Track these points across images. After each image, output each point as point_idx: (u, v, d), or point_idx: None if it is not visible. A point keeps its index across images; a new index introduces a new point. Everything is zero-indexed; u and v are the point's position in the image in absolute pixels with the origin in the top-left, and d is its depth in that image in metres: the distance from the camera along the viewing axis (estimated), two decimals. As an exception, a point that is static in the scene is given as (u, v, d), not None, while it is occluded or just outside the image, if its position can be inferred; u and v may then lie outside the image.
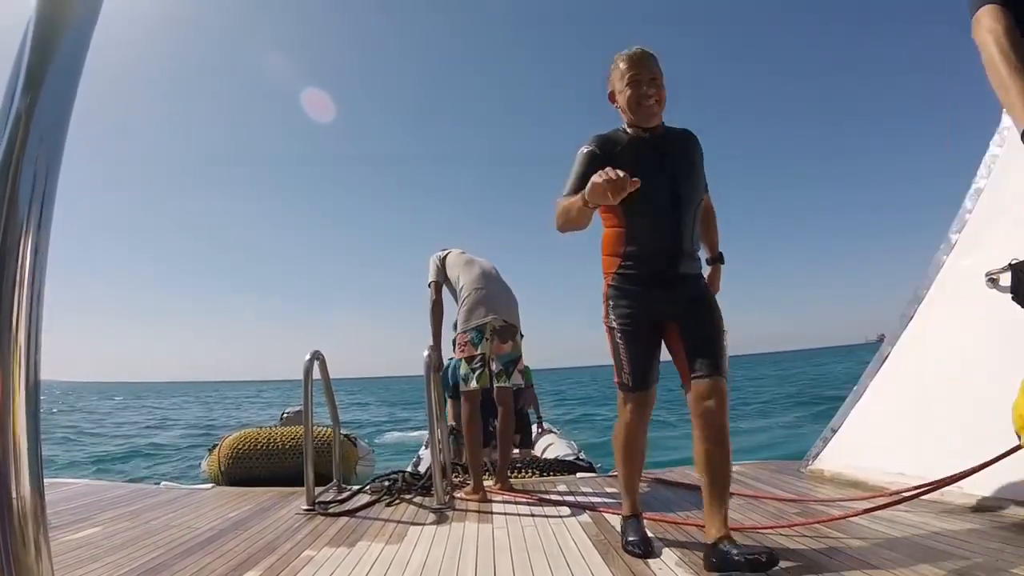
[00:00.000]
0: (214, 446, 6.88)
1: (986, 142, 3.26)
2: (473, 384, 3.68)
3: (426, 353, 3.63)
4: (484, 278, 3.82)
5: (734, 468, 4.13)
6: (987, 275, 2.99)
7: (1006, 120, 3.15)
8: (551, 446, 6.67)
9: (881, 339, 3.75)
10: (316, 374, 3.63)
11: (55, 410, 34.89)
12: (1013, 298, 2.86)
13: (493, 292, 3.79)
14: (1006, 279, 2.91)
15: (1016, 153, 3.05)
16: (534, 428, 7.15)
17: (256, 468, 5.00)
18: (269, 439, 5.40)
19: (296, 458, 5.04)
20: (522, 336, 3.89)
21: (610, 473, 4.34)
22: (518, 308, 3.94)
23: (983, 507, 2.72)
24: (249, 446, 5.35)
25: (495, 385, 3.82)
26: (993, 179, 3.17)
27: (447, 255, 4.05)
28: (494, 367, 3.79)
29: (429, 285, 4.00)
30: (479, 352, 3.68)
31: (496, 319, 3.71)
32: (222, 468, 5.67)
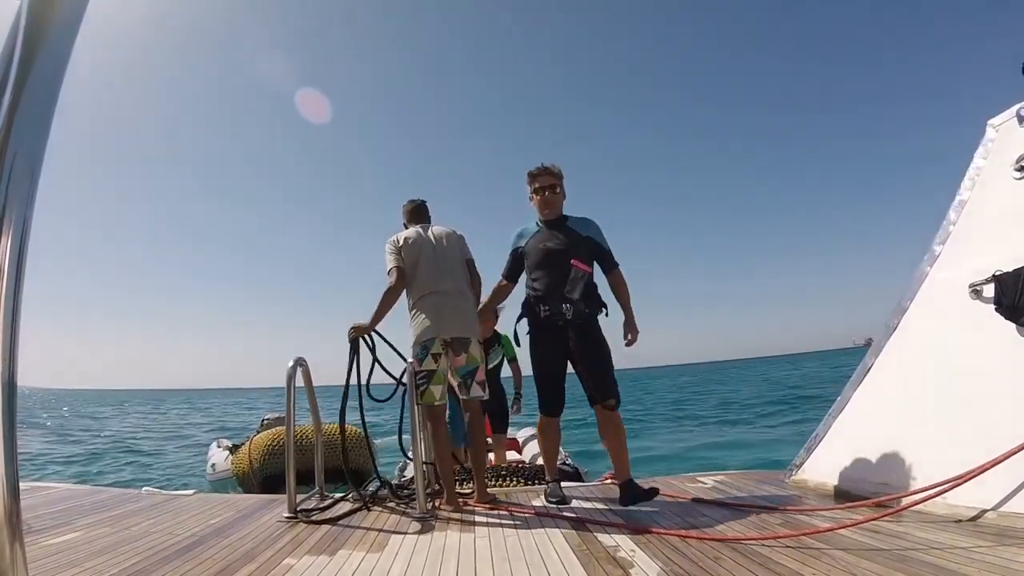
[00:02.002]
0: (235, 447, 7.18)
1: (971, 154, 3.29)
2: (419, 399, 3.57)
3: (409, 360, 3.58)
4: (435, 280, 3.61)
5: (717, 477, 4.13)
6: (970, 286, 3.01)
7: (990, 133, 3.18)
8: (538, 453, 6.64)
9: (868, 343, 3.73)
10: (299, 381, 3.59)
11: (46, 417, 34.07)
12: (996, 309, 2.89)
13: (440, 304, 3.59)
14: (989, 290, 2.93)
15: (999, 166, 3.07)
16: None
17: (295, 463, 5.07)
18: (301, 437, 5.63)
19: (328, 454, 5.35)
20: (479, 343, 3.72)
21: (595, 481, 4.31)
22: (476, 313, 3.76)
23: (965, 517, 2.73)
24: (281, 444, 5.48)
25: (460, 397, 3.79)
26: (977, 192, 3.20)
27: (403, 239, 3.73)
28: (454, 380, 3.71)
29: (389, 272, 3.64)
30: (424, 368, 3.55)
31: (443, 336, 3.57)
32: (254, 465, 6.09)
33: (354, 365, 3.62)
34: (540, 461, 5.83)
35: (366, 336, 3.64)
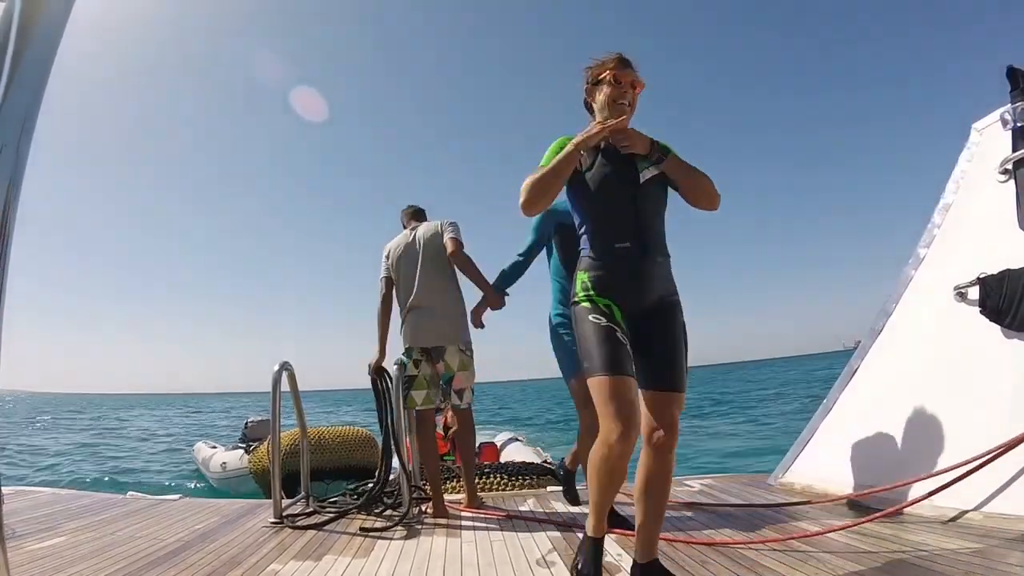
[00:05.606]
0: (250, 447, 7.69)
1: (955, 157, 3.31)
2: (402, 404, 3.57)
3: (395, 366, 3.55)
4: (411, 295, 3.60)
5: (704, 481, 4.13)
6: (955, 289, 3.03)
7: (974, 137, 3.20)
8: (518, 452, 6.67)
9: (857, 345, 3.74)
10: (285, 385, 3.57)
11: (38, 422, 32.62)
12: (981, 311, 2.90)
13: (415, 318, 3.60)
14: (974, 293, 2.95)
15: (984, 170, 3.09)
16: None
17: (311, 461, 5.20)
18: (320, 436, 6.06)
19: (344, 452, 5.87)
20: (462, 349, 3.61)
21: (581, 484, 4.30)
22: (454, 316, 3.63)
23: (951, 519, 2.74)
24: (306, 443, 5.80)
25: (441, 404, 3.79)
26: (961, 194, 3.21)
27: (389, 249, 3.77)
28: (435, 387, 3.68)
29: (381, 280, 3.75)
30: (407, 373, 3.57)
31: (419, 346, 3.59)
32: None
33: (381, 396, 3.73)
34: (519, 460, 5.69)
35: (384, 373, 3.71)
